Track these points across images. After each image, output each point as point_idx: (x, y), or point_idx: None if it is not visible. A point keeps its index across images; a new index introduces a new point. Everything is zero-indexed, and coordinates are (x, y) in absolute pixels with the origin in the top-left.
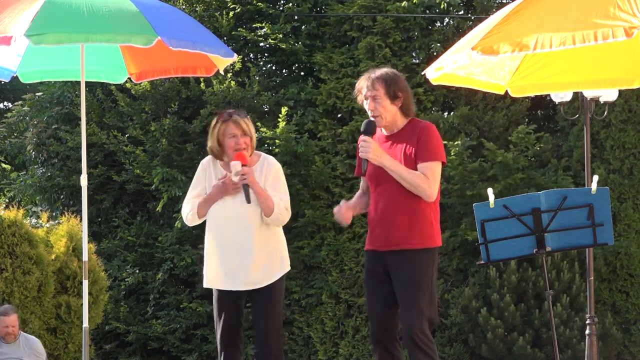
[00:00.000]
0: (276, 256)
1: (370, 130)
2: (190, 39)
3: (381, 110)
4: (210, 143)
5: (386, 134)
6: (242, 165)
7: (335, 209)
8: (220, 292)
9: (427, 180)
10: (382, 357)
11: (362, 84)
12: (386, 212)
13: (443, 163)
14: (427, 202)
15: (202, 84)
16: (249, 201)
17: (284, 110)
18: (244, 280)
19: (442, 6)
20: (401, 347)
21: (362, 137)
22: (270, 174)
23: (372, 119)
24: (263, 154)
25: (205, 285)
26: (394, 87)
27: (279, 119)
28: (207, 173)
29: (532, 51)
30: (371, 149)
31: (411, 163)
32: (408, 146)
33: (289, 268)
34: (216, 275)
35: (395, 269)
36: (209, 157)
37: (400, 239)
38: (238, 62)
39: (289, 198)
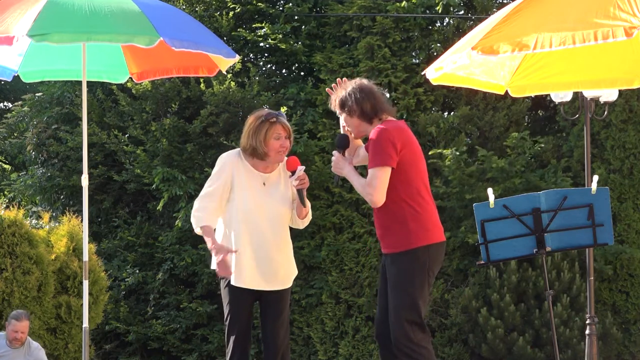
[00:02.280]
0: (293, 258)
1: (341, 144)
2: (192, 39)
3: (347, 125)
4: (252, 142)
5: (364, 145)
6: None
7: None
8: (244, 291)
9: (367, 188)
10: (381, 352)
11: (333, 104)
12: (377, 216)
13: (385, 167)
14: (396, 205)
15: (202, 85)
16: (304, 204)
17: (283, 110)
18: (275, 280)
19: (438, 8)
20: None
21: (333, 152)
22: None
23: (343, 132)
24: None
25: (234, 284)
26: (343, 103)
27: None
28: (235, 168)
29: (532, 51)
30: (333, 163)
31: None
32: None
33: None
34: (247, 273)
35: (387, 272)
36: (232, 154)
37: (388, 242)
38: (238, 62)
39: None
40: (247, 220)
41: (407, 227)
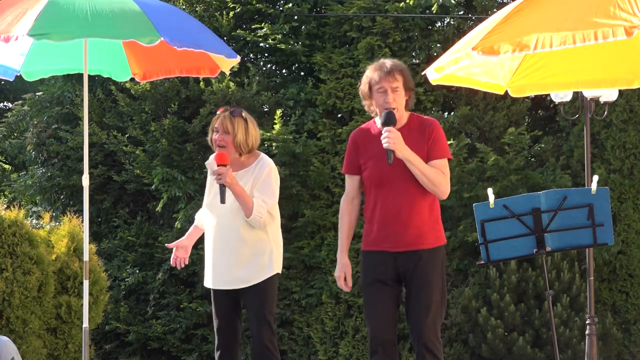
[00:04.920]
0: (264, 257)
1: (392, 121)
2: (193, 39)
3: (400, 102)
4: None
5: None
6: (220, 165)
7: (341, 283)
8: (214, 291)
9: (445, 177)
10: (381, 358)
11: (374, 75)
12: (398, 212)
13: (449, 159)
14: (435, 200)
15: (201, 83)
16: (223, 201)
17: (278, 112)
18: (228, 278)
19: (434, 9)
20: (397, 350)
21: (386, 128)
22: (261, 176)
23: (391, 109)
24: (262, 155)
25: (205, 284)
26: (410, 80)
27: (275, 120)
28: (210, 172)
29: (532, 51)
30: (398, 140)
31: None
32: (418, 142)
33: (278, 270)
34: (208, 274)
35: (409, 271)
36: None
37: (415, 239)
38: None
39: (274, 203)
40: (207, 219)
41: (439, 224)
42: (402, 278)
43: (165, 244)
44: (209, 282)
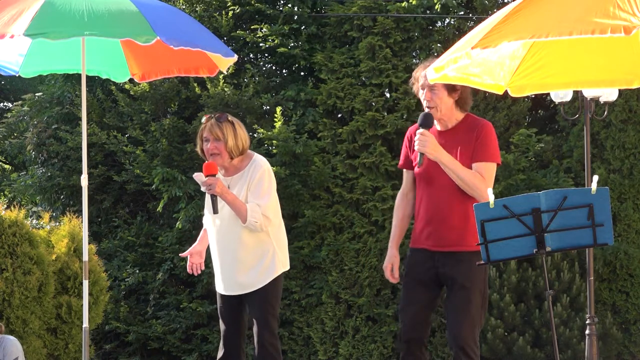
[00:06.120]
0: (266, 259)
1: (428, 124)
2: (190, 38)
3: (437, 101)
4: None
5: (440, 129)
6: (209, 175)
7: (388, 273)
8: (221, 295)
9: (484, 181)
10: (406, 357)
11: (420, 73)
12: (440, 211)
13: (498, 164)
14: (472, 203)
15: (196, 88)
16: (215, 212)
17: (278, 110)
18: (232, 284)
19: (436, 7)
20: (426, 350)
21: (419, 130)
22: (254, 179)
23: (427, 110)
24: (256, 157)
25: (216, 288)
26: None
27: (275, 120)
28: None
29: (529, 38)
30: (429, 143)
31: (467, 161)
32: (465, 144)
33: (282, 270)
34: (217, 278)
35: (449, 272)
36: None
37: (455, 240)
38: (233, 65)
39: (270, 204)
40: (208, 224)
41: (474, 227)
42: (441, 279)
43: (180, 254)
44: (219, 287)
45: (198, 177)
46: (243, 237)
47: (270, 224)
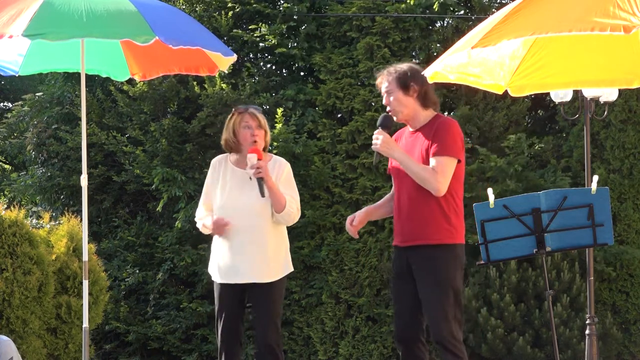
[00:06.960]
0: (281, 256)
1: (386, 124)
2: (189, 38)
3: (395, 104)
4: (225, 135)
5: (410, 130)
6: (257, 160)
7: (348, 221)
8: (222, 287)
9: (435, 174)
10: (405, 356)
11: (378, 81)
12: (404, 206)
13: (459, 160)
14: (451, 198)
15: (196, 88)
16: (263, 195)
17: (279, 111)
18: (249, 271)
19: (435, 7)
20: (425, 347)
21: (376, 130)
22: (283, 173)
23: (388, 113)
24: (274, 156)
25: (213, 278)
26: (404, 79)
27: (276, 121)
28: (218, 171)
29: (530, 35)
30: (382, 141)
31: (428, 158)
32: (426, 141)
33: (290, 270)
34: (222, 267)
35: (416, 267)
36: (219, 157)
37: (417, 233)
38: (231, 66)
39: (299, 200)
40: (222, 210)
41: (450, 222)
42: (414, 274)
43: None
44: (221, 275)
45: (251, 158)
46: (267, 228)
47: (297, 218)
